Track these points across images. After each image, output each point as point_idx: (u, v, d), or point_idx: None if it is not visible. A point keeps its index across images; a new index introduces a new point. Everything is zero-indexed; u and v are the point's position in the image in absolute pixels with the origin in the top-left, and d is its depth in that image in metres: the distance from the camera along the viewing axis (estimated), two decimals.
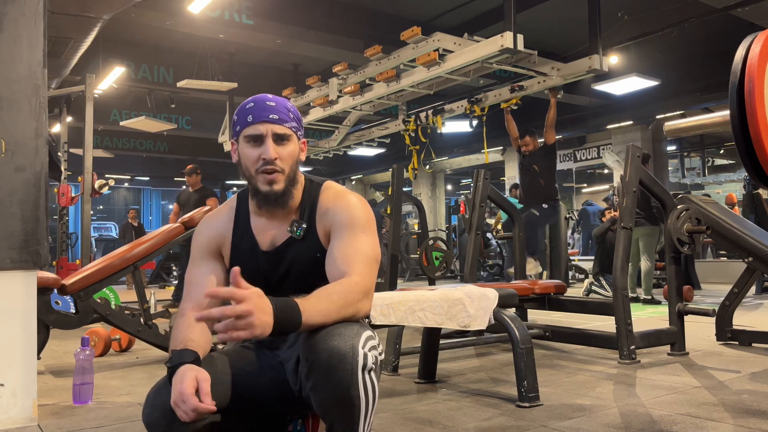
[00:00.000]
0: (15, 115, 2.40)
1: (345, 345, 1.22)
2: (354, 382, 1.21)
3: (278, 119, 1.46)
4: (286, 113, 1.47)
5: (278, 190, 1.46)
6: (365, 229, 1.46)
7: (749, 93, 2.13)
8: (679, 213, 3.60)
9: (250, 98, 1.50)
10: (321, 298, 1.28)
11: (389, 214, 5.02)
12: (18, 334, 2.35)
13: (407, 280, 11.77)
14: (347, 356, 1.21)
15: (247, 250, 1.53)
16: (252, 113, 1.46)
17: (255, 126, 1.45)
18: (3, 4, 2.40)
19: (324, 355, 1.22)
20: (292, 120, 1.48)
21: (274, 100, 1.48)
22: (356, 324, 1.30)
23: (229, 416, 1.35)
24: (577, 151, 14.09)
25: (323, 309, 1.26)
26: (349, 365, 1.21)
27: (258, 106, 1.46)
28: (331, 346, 1.22)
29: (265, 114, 1.45)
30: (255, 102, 1.47)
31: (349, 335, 1.24)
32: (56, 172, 7.76)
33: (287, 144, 1.47)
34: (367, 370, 1.24)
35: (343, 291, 1.31)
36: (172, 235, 3.75)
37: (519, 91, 6.48)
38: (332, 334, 1.24)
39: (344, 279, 1.35)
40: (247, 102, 1.49)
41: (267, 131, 1.45)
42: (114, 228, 21.07)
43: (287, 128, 1.47)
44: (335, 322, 1.27)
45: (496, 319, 2.58)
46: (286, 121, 1.47)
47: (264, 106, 1.46)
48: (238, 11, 8.12)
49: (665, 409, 2.38)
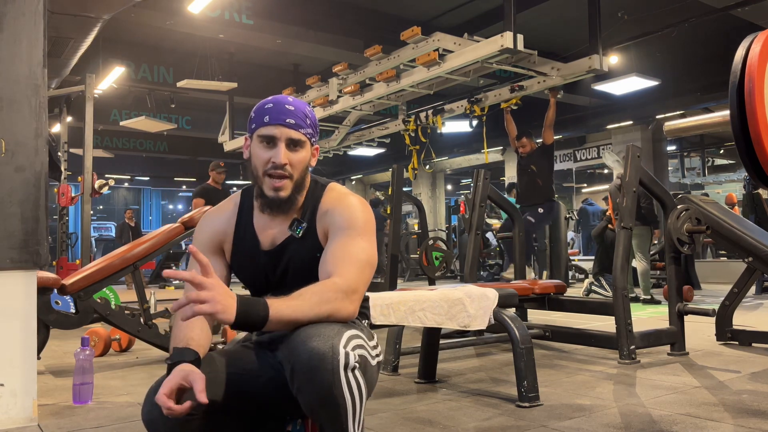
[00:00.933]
0: (15, 115, 2.40)
1: (324, 345, 1.22)
2: (336, 381, 1.21)
3: (294, 124, 1.45)
4: (303, 119, 1.46)
5: (283, 197, 1.46)
6: (361, 233, 1.46)
7: (749, 93, 2.13)
8: (679, 213, 3.61)
9: (271, 98, 1.49)
10: (294, 296, 1.29)
11: (389, 214, 5.02)
12: (18, 334, 2.35)
13: (407, 280, 11.77)
14: (327, 356, 1.21)
15: (248, 248, 1.54)
16: (270, 114, 1.45)
17: (270, 127, 1.44)
18: (3, 4, 2.40)
19: (304, 356, 1.22)
20: (308, 126, 1.48)
21: (294, 104, 1.47)
22: (338, 324, 1.30)
23: (227, 415, 1.35)
24: (577, 151, 14.09)
25: (294, 305, 1.26)
26: (330, 365, 1.20)
27: (276, 108, 1.45)
28: (310, 347, 1.22)
29: (282, 117, 1.44)
30: (274, 103, 1.47)
31: (328, 335, 1.24)
32: (56, 172, 7.77)
33: (300, 150, 1.47)
34: (350, 369, 1.23)
35: (318, 290, 1.32)
36: (172, 235, 3.75)
37: (519, 91, 6.48)
38: (311, 335, 1.24)
39: (327, 279, 1.36)
40: (267, 101, 1.48)
41: (281, 135, 1.44)
42: (114, 228, 21.06)
43: (302, 134, 1.46)
44: (310, 320, 1.27)
45: (496, 319, 2.58)
46: (302, 127, 1.46)
47: (282, 109, 1.45)
48: (238, 11, 8.12)
49: (665, 409, 2.38)
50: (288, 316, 1.25)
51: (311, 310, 1.28)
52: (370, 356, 1.32)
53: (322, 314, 1.29)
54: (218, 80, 9.16)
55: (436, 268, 5.76)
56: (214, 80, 9.16)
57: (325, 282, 1.35)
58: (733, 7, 7.24)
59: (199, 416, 1.27)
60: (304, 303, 1.28)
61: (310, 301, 1.28)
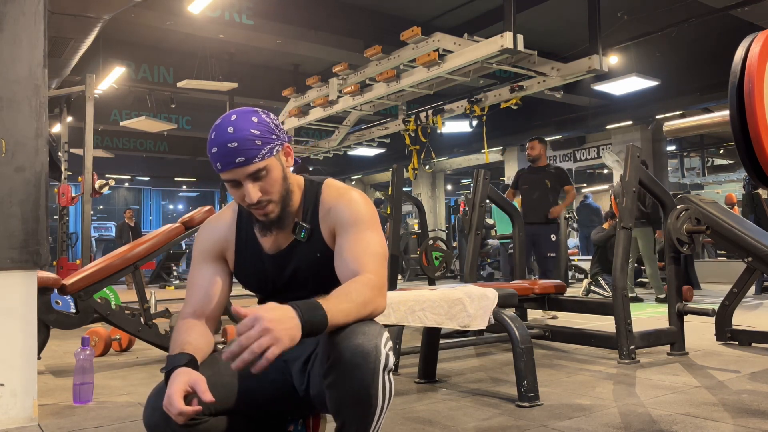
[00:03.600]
0: (15, 115, 2.40)
1: (369, 344, 1.22)
2: (375, 381, 1.22)
3: (245, 161, 1.34)
4: (251, 145, 1.34)
5: (274, 218, 1.45)
6: (370, 226, 1.45)
7: (749, 93, 2.13)
8: (679, 213, 3.61)
9: (213, 135, 1.37)
10: (341, 298, 1.26)
11: (389, 214, 5.02)
12: (18, 334, 2.35)
13: (407, 280, 11.77)
14: (371, 355, 1.21)
15: (252, 254, 1.52)
16: (218, 161, 1.36)
17: (226, 173, 1.37)
18: (3, 4, 2.40)
19: (348, 352, 1.21)
20: (261, 146, 1.36)
21: (235, 135, 1.34)
22: (378, 324, 1.31)
23: (230, 416, 1.35)
24: (577, 151, 14.09)
25: (345, 308, 1.25)
26: (372, 364, 1.21)
27: (220, 152, 1.35)
28: (355, 344, 1.22)
29: (229, 161, 1.34)
30: (217, 145, 1.35)
31: (373, 334, 1.24)
32: (56, 172, 7.77)
33: (266, 176, 1.39)
34: (387, 371, 1.24)
35: (360, 289, 1.31)
36: (172, 235, 3.75)
37: (519, 91, 6.49)
38: (356, 332, 1.24)
39: (359, 277, 1.34)
40: (211, 143, 1.37)
41: (239, 176, 1.37)
42: (114, 228, 21.06)
43: (259, 163, 1.36)
44: (355, 321, 1.27)
45: (496, 319, 2.58)
46: (255, 157, 1.35)
47: (226, 151, 1.34)
48: (238, 11, 8.13)
49: (665, 408, 2.38)
50: (341, 321, 1.24)
51: (359, 312, 1.27)
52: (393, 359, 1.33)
53: (366, 314, 1.29)
54: (218, 80, 9.17)
55: (436, 268, 5.77)
56: (214, 80, 9.16)
57: (363, 279, 1.34)
58: (733, 7, 7.24)
59: (203, 420, 1.28)
60: (353, 305, 1.26)
61: (357, 302, 1.27)
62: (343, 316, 1.24)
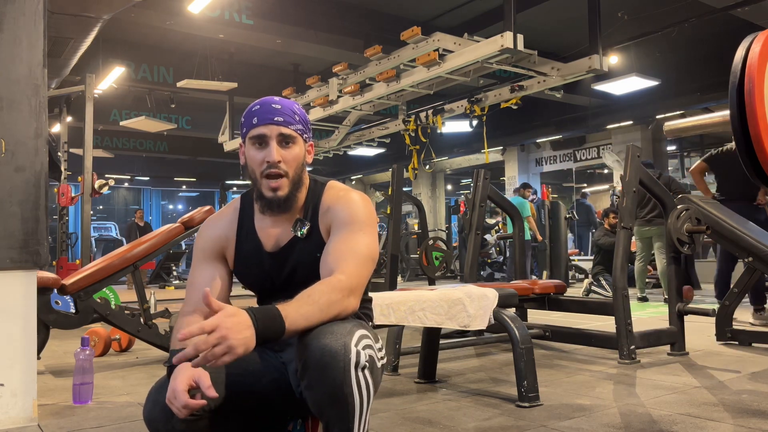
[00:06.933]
0: (15, 115, 2.40)
1: (337, 343, 1.23)
2: (347, 379, 1.21)
3: (283, 121, 1.46)
4: (291, 115, 1.48)
5: (282, 196, 1.47)
6: (363, 227, 1.46)
7: (749, 93, 2.13)
8: (679, 213, 3.61)
9: (257, 101, 1.50)
10: (302, 302, 1.27)
11: (389, 214, 5.02)
12: (18, 334, 2.35)
13: (407, 280, 11.77)
14: (339, 354, 1.21)
15: (251, 252, 1.53)
16: (257, 116, 1.47)
17: (260, 127, 1.46)
18: (3, 4, 2.40)
19: (317, 353, 1.22)
20: (297, 123, 1.49)
21: (280, 103, 1.49)
22: (350, 322, 1.31)
23: (229, 415, 1.35)
24: (577, 151, 14.08)
25: (305, 312, 1.26)
26: (341, 363, 1.21)
27: (263, 109, 1.47)
28: (323, 344, 1.22)
29: (270, 116, 1.46)
30: (261, 104, 1.48)
31: (341, 333, 1.25)
32: (56, 172, 7.78)
33: (292, 147, 1.48)
34: (360, 368, 1.24)
35: (325, 290, 1.31)
36: (172, 235, 3.75)
37: (519, 91, 6.49)
38: (324, 333, 1.25)
39: (329, 278, 1.36)
40: (254, 104, 1.50)
41: (271, 133, 1.45)
42: (114, 228, 21.05)
43: (292, 130, 1.47)
44: (321, 323, 1.27)
45: (496, 319, 2.58)
46: (291, 124, 1.47)
47: (269, 109, 1.47)
48: (238, 11, 8.12)
49: (665, 409, 2.38)
50: (302, 325, 1.25)
51: (321, 314, 1.28)
52: (377, 357, 1.33)
53: (331, 316, 1.30)
54: (218, 80, 9.16)
55: (436, 268, 5.77)
56: (214, 80, 9.15)
57: (330, 281, 1.35)
58: (733, 7, 7.23)
59: (204, 415, 1.28)
60: (314, 308, 1.27)
61: (319, 305, 1.28)
62: (304, 320, 1.25)
